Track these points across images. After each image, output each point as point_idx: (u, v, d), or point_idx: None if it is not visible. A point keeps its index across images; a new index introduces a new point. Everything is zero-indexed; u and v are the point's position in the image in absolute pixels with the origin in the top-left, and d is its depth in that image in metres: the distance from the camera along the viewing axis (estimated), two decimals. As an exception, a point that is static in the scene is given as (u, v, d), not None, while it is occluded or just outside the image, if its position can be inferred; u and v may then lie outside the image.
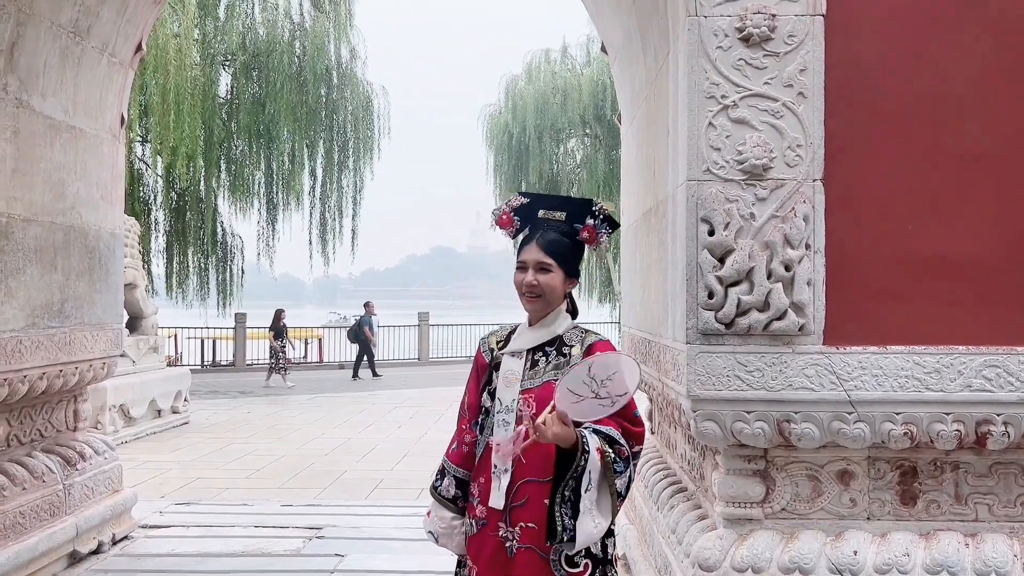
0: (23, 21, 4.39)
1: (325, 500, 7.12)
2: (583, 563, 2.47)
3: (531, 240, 2.63)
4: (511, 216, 2.70)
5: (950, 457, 3.27)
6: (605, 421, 2.41)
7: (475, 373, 2.77)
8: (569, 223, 2.66)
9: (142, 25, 5.52)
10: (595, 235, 2.66)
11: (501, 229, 2.74)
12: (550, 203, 2.71)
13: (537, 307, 2.60)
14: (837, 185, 3.18)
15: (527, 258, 2.60)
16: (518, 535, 2.49)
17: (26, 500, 4.56)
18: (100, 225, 5.29)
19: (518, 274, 2.62)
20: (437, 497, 2.75)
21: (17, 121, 4.43)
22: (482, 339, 2.82)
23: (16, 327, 4.42)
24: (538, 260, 2.58)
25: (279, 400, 15.24)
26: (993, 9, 3.22)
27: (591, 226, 2.66)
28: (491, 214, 2.78)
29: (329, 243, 21.59)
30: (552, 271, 2.58)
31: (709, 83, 3.18)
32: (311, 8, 20.38)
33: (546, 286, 2.57)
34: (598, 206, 2.67)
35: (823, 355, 3.15)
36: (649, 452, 5.01)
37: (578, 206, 2.69)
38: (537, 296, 2.58)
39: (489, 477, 2.57)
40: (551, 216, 2.66)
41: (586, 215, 2.66)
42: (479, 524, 2.59)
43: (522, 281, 2.59)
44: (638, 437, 2.49)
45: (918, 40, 3.22)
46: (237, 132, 19.43)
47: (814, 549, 3.19)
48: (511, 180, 26.36)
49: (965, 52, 3.22)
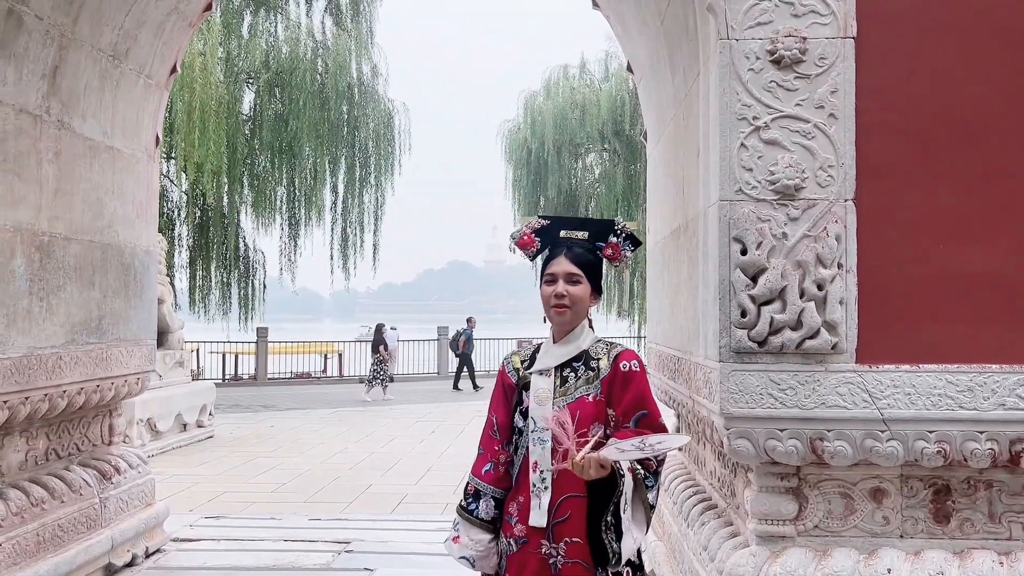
0: (65, 45, 4.52)
1: (351, 514, 7.19)
2: (625, 571, 2.56)
3: (558, 254, 2.68)
4: (532, 237, 2.76)
5: (983, 475, 3.28)
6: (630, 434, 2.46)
7: (501, 393, 2.81)
8: (591, 241, 2.74)
9: (177, 47, 5.65)
10: (619, 252, 2.74)
11: (522, 250, 2.79)
12: (571, 224, 2.79)
13: (565, 318, 2.65)
14: (869, 204, 3.20)
15: (556, 270, 2.65)
16: (563, 551, 2.55)
17: (64, 513, 4.65)
18: (135, 243, 5.40)
19: (546, 287, 2.66)
20: (473, 520, 2.75)
21: (59, 143, 4.55)
22: (505, 359, 2.88)
23: (56, 343, 4.52)
24: (568, 272, 2.63)
25: (301, 414, 15.34)
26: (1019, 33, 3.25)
27: (615, 243, 2.74)
28: (510, 236, 2.83)
29: (350, 258, 21.77)
30: (581, 283, 2.64)
31: (741, 104, 3.23)
32: (333, 26, 20.65)
33: (575, 297, 2.63)
34: (621, 225, 2.75)
35: (856, 373, 3.18)
36: (677, 468, 5.03)
37: (600, 225, 2.78)
38: (566, 307, 2.63)
39: (528, 496, 2.61)
40: (572, 235, 2.74)
41: (608, 234, 2.75)
42: (519, 543, 2.63)
43: (552, 293, 2.64)
44: None
45: (949, 60, 3.25)
46: (260, 149, 19.67)
47: (847, 567, 3.20)
48: (530, 195, 26.47)
49: (996, 72, 3.25)
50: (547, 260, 2.73)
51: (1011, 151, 3.23)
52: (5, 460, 4.41)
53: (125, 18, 4.92)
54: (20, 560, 4.23)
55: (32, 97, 4.31)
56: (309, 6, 20.70)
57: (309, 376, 23.99)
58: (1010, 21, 3.26)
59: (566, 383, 2.63)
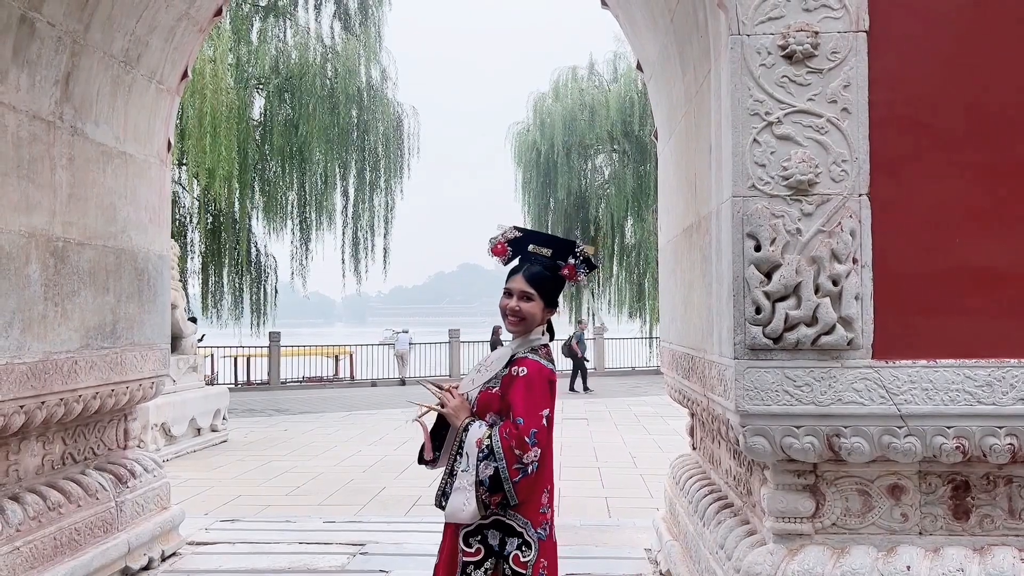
0: (78, 52, 4.55)
1: (366, 516, 7.18)
2: (476, 547, 2.85)
3: (518, 271, 3.00)
4: (505, 247, 3.09)
5: (1003, 471, 3.25)
6: (509, 424, 2.79)
7: None
8: (553, 259, 3.05)
9: (188, 53, 5.68)
10: (575, 273, 3.06)
11: (495, 257, 3.11)
12: (539, 240, 3.10)
13: (518, 329, 3.00)
14: (883, 199, 3.18)
15: (513, 287, 2.99)
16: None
17: (81, 517, 4.67)
18: (149, 248, 5.43)
19: (504, 299, 3.01)
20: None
21: (72, 149, 4.57)
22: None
23: (71, 348, 4.54)
24: (522, 289, 2.97)
25: (314, 418, 15.38)
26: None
27: (572, 265, 3.05)
28: (488, 241, 3.12)
29: (361, 262, 21.87)
30: (534, 300, 2.97)
31: (753, 100, 3.21)
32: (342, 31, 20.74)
33: (527, 312, 2.97)
34: (580, 248, 3.06)
35: (872, 369, 3.15)
36: (691, 468, 5.01)
37: (563, 244, 3.08)
38: (519, 320, 2.97)
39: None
40: (539, 251, 3.06)
41: (569, 254, 3.06)
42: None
43: (506, 306, 2.99)
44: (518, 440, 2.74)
45: (962, 53, 3.22)
46: (271, 154, 19.78)
47: (866, 564, 3.17)
48: (539, 196, 26.50)
49: (1009, 65, 3.22)
50: (510, 273, 3.04)
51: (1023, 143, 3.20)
52: (22, 464, 4.43)
53: (136, 24, 4.95)
54: (37, 564, 4.25)
55: (45, 103, 4.33)
56: (318, 11, 20.80)
57: (321, 380, 24.04)
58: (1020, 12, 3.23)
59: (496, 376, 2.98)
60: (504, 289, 3.01)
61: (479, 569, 2.83)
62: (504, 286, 3.01)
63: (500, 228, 3.12)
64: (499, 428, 2.82)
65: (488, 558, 2.84)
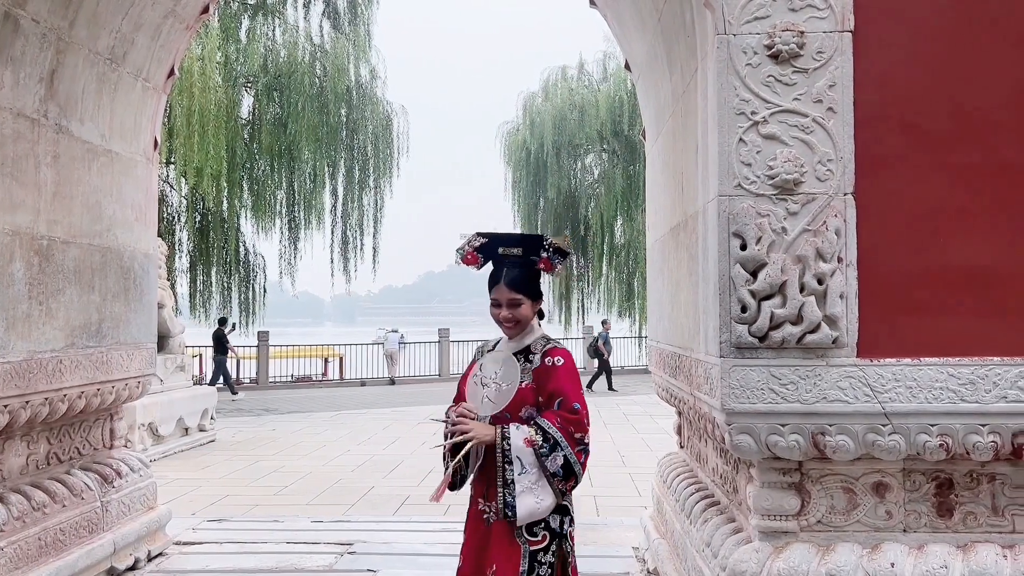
0: (63, 49, 4.52)
1: (354, 516, 7.17)
2: (541, 534, 2.97)
3: (499, 280, 3.11)
4: (475, 255, 3.18)
5: (986, 468, 3.27)
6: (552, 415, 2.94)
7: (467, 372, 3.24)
8: (526, 256, 3.15)
9: (174, 51, 5.65)
10: (550, 264, 3.16)
11: (466, 266, 3.21)
12: (507, 241, 3.18)
13: (516, 331, 3.16)
14: (868, 198, 3.20)
15: (499, 297, 3.11)
16: (493, 509, 3.00)
17: (66, 517, 4.64)
18: (135, 246, 5.40)
19: (494, 310, 3.14)
20: None
21: (57, 146, 4.54)
22: (477, 350, 3.34)
23: (56, 347, 4.51)
24: (510, 298, 3.10)
25: (303, 417, 15.34)
26: (1016, 27, 3.24)
27: (546, 258, 3.15)
28: (456, 251, 3.23)
29: (350, 261, 21.81)
30: (522, 303, 3.12)
31: (739, 99, 3.23)
32: (331, 30, 20.67)
33: (520, 316, 3.13)
34: (548, 241, 3.17)
35: (857, 367, 3.17)
36: (678, 466, 5.02)
37: (531, 241, 3.19)
38: (512, 324, 3.13)
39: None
40: (509, 252, 3.15)
41: (539, 249, 3.16)
42: (472, 501, 3.13)
43: (499, 315, 3.13)
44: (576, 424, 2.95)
45: (946, 54, 3.24)
46: (259, 153, 19.69)
47: (851, 561, 3.19)
48: (529, 196, 26.51)
49: (993, 65, 3.24)
50: (491, 283, 3.15)
51: (1010, 144, 3.22)
52: (6, 464, 4.40)
53: (122, 21, 4.92)
54: (22, 564, 4.23)
55: (30, 101, 4.30)
56: (307, 10, 20.73)
57: (310, 380, 23.98)
58: (1004, 13, 3.25)
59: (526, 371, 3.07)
60: (491, 300, 3.14)
61: (547, 553, 2.97)
62: (490, 297, 3.14)
63: (463, 237, 3.22)
64: (547, 418, 2.94)
65: (553, 541, 2.98)
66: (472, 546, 3.08)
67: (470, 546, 3.09)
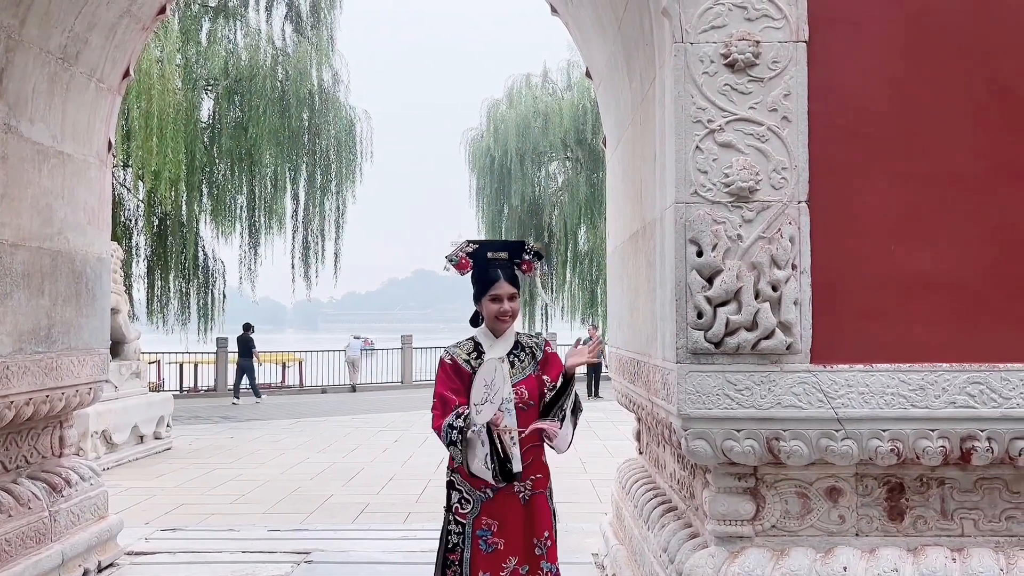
0: (12, 47, 4.41)
1: (312, 524, 7.08)
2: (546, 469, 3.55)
3: (499, 278, 3.42)
4: (468, 260, 3.47)
5: (936, 473, 3.33)
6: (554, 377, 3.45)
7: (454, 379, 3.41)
8: (511, 259, 3.51)
9: (130, 51, 5.55)
10: (531, 266, 3.53)
11: (459, 271, 3.48)
12: (494, 247, 3.56)
13: (509, 326, 3.50)
14: (822, 207, 3.25)
15: (501, 292, 3.43)
16: (530, 487, 3.41)
17: (12, 527, 4.51)
18: (87, 250, 5.28)
19: (493, 305, 3.43)
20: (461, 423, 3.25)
21: (5, 147, 4.43)
22: (448, 352, 3.50)
23: (3, 352, 4.39)
24: (510, 292, 3.45)
25: (262, 425, 15.13)
26: (967, 40, 3.32)
27: (528, 261, 3.52)
28: (446, 258, 3.51)
29: (312, 267, 21.61)
30: (517, 298, 3.50)
31: (696, 108, 3.25)
32: (293, 33, 20.52)
33: (516, 310, 3.50)
34: (529, 245, 3.58)
35: (811, 373, 3.21)
36: (637, 472, 5.04)
37: (515, 246, 3.58)
38: (510, 318, 3.47)
39: None
40: (497, 256, 3.49)
41: (522, 252, 3.54)
42: (494, 491, 3.34)
43: (500, 309, 3.43)
44: None
45: (898, 64, 3.31)
46: (219, 156, 19.45)
47: (804, 565, 3.22)
48: (493, 203, 26.50)
49: (942, 80, 3.31)
50: (488, 282, 3.43)
51: (958, 153, 3.29)
52: (-51, 473, 4.27)
53: (75, 20, 4.82)
54: (-36, 577, 4.10)
55: (-23, 100, 4.19)
56: (269, 13, 20.56)
57: (269, 387, 23.67)
58: (956, 26, 3.33)
59: (514, 366, 3.46)
60: (492, 296, 3.42)
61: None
62: (490, 294, 3.42)
63: (454, 244, 3.51)
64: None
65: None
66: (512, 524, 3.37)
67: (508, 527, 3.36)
